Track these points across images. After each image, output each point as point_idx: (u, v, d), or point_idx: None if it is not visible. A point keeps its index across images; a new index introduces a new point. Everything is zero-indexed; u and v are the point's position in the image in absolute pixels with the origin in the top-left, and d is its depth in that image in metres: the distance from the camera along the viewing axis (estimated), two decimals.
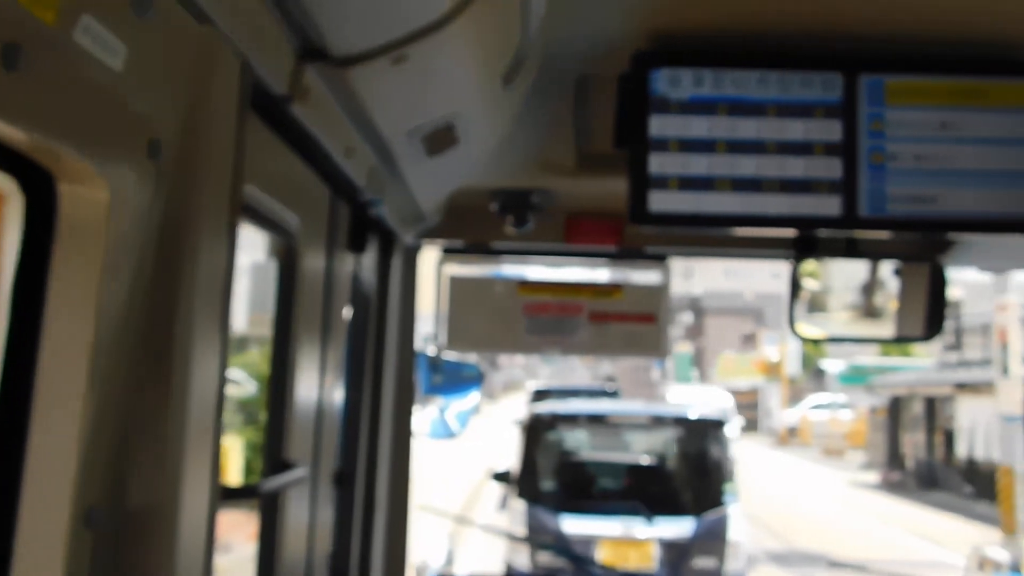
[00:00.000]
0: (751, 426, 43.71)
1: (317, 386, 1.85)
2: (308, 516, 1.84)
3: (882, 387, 26.00)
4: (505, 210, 2.57)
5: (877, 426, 26.88)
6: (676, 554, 7.15)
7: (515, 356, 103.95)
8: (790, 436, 36.33)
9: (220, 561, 1.33)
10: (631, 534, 7.14)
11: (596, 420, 8.41)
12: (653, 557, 7.07)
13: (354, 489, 2.43)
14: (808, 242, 2.35)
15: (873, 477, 25.01)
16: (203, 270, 1.10)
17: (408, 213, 2.42)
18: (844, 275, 2.69)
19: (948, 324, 23.69)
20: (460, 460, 19.94)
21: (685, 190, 1.94)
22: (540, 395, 18.78)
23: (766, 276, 70.59)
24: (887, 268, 2.63)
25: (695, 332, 62.73)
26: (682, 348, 49.92)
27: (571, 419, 8.39)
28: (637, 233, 2.66)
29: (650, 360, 70.93)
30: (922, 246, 2.60)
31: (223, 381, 1.17)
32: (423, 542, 4.28)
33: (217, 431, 1.16)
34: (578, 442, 8.28)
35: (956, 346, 23.34)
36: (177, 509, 1.05)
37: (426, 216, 2.53)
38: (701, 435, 7.99)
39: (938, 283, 2.51)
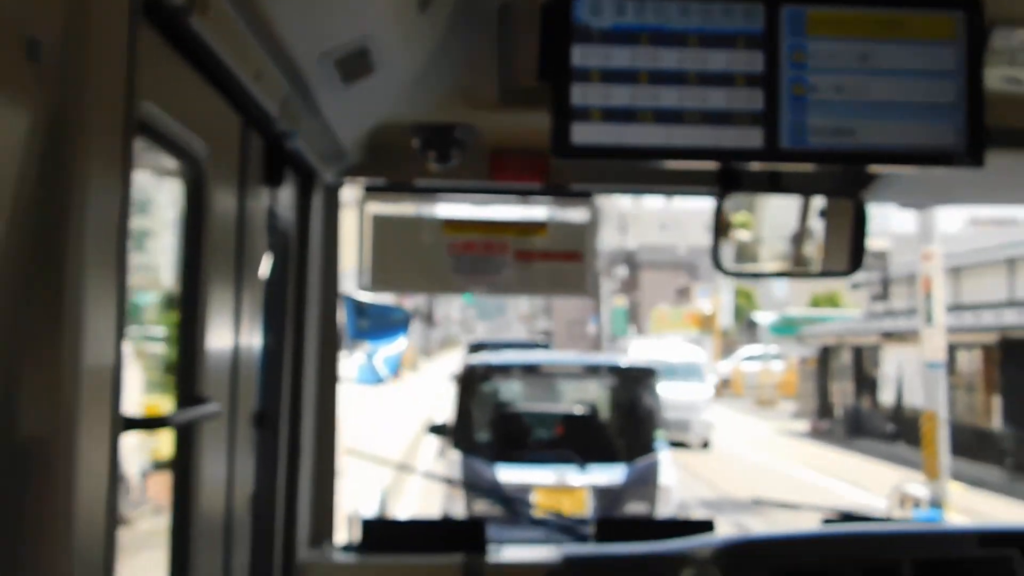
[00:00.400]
0: None
1: (232, 322, 1.81)
2: (227, 455, 1.82)
3: (812, 337, 26.49)
4: (428, 146, 2.54)
5: (807, 376, 27.38)
6: (609, 499, 7.30)
7: (451, 313, 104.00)
8: (723, 387, 36.88)
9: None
10: (565, 482, 7.38)
11: (530, 371, 8.57)
12: (586, 503, 7.25)
13: (278, 432, 2.41)
14: (731, 176, 2.36)
15: (803, 426, 25.57)
16: (96, 187, 1.05)
17: (327, 148, 2.38)
18: (769, 213, 2.71)
19: (875, 275, 24.19)
20: (397, 416, 20.12)
21: (608, 122, 1.95)
22: (476, 349, 19.33)
23: (699, 230, 71.38)
24: (811, 204, 2.65)
25: (630, 286, 63.15)
26: (618, 302, 50.24)
27: (505, 370, 8.59)
28: (562, 169, 2.66)
29: (587, 315, 71.63)
30: (844, 181, 2.63)
31: (123, 308, 1.13)
32: (358, 489, 4.32)
33: (118, 359, 1.12)
34: (513, 393, 8.57)
35: (883, 296, 23.86)
36: (74, 439, 1.02)
37: (346, 152, 2.50)
38: (632, 384, 8.22)
39: (860, 219, 2.53)
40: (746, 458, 18.81)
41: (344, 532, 2.87)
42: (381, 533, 2.75)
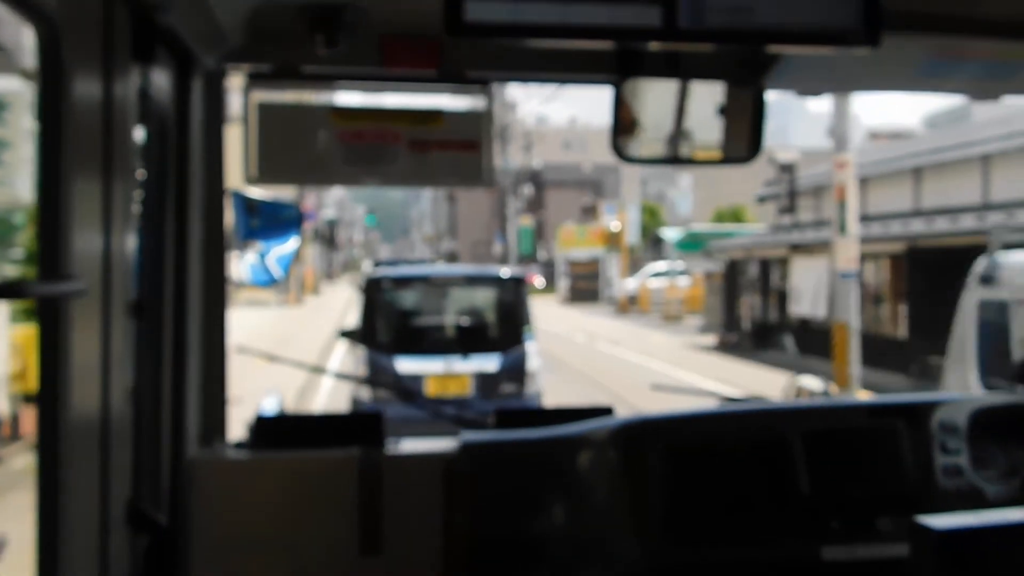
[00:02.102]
0: (591, 296, 44.33)
1: (99, 205, 1.74)
2: (100, 342, 1.76)
3: (719, 252, 26.46)
4: (315, 29, 2.46)
5: (714, 290, 27.39)
6: (487, 383, 9.07)
7: (353, 235, 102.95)
8: (630, 304, 36.92)
9: None
10: (452, 370, 9.01)
11: (424, 281, 10.20)
12: (469, 386, 9.02)
13: (161, 326, 2.36)
14: (630, 59, 2.40)
15: (710, 340, 25.59)
16: None
17: (205, 28, 2.30)
18: (668, 101, 2.66)
19: (782, 187, 24.12)
20: (304, 331, 21.25)
21: None
22: (378, 266, 21.54)
23: (603, 149, 71.10)
24: (711, 91, 2.64)
25: (535, 205, 63.00)
26: (524, 221, 49.82)
27: (403, 280, 10.07)
28: (457, 56, 2.61)
29: (492, 234, 71.35)
30: (743, 66, 2.63)
31: None
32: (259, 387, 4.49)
33: None
34: (409, 300, 9.99)
35: (789, 209, 23.83)
36: None
37: (226, 33, 2.41)
38: (507, 290, 9.80)
39: (759, 106, 2.59)
40: (653, 370, 18.63)
41: (242, 435, 2.82)
42: (275, 429, 2.71)
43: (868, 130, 47.07)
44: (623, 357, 21.39)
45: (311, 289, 46.31)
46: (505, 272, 10.24)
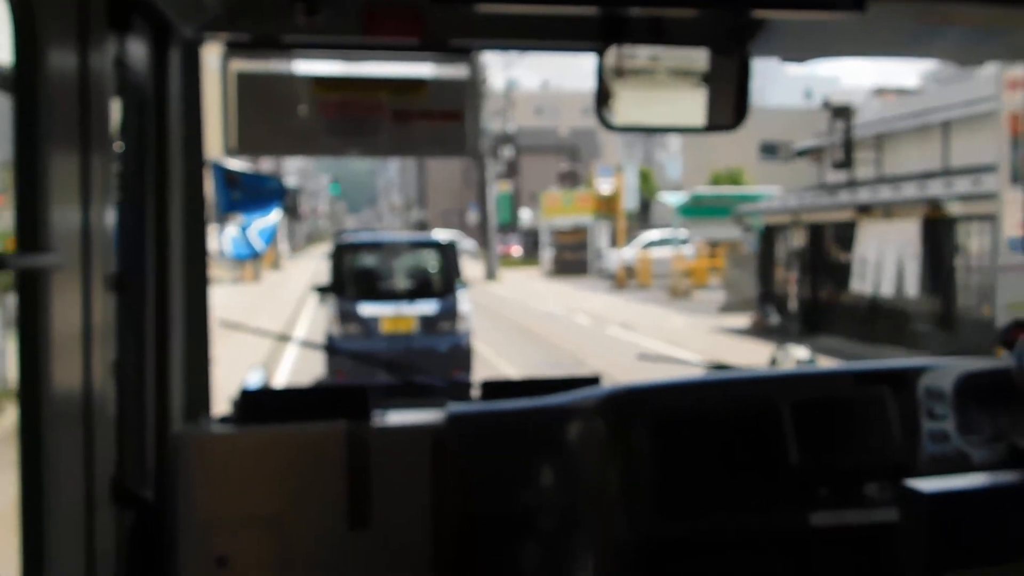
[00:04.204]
0: (579, 268, 39.81)
1: (77, 177, 1.75)
2: (81, 315, 1.77)
3: (752, 216, 21.98)
4: None
5: (739, 262, 23.08)
6: (428, 322, 11.95)
7: (318, 206, 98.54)
8: (627, 278, 32.53)
9: None
10: (401, 312, 11.93)
11: (379, 245, 13.47)
12: (414, 324, 11.92)
13: (144, 300, 2.38)
14: (613, 25, 2.46)
15: (739, 321, 21.25)
16: None
17: None
18: (652, 68, 2.64)
19: (836, 137, 19.67)
20: (256, 317, 19.15)
21: None
22: (345, 235, 24.40)
23: (576, 113, 67.76)
24: (696, 60, 2.63)
25: (510, 172, 58.74)
26: (502, 187, 45.42)
27: (364, 245, 13.28)
28: (440, 24, 2.61)
29: (465, 203, 67.39)
30: (728, 33, 2.63)
31: None
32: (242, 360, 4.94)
33: None
34: (369, 260, 12.93)
35: (845, 163, 19.28)
36: None
37: (205, 3, 2.40)
38: (443, 251, 12.77)
39: (744, 72, 2.63)
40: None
41: (226, 409, 2.78)
42: (260, 403, 2.72)
43: (873, 87, 43.02)
44: (649, 348, 16.88)
45: (271, 264, 41.42)
46: (442, 238, 13.48)
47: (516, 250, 52.14)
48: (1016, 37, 2.76)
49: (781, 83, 63.07)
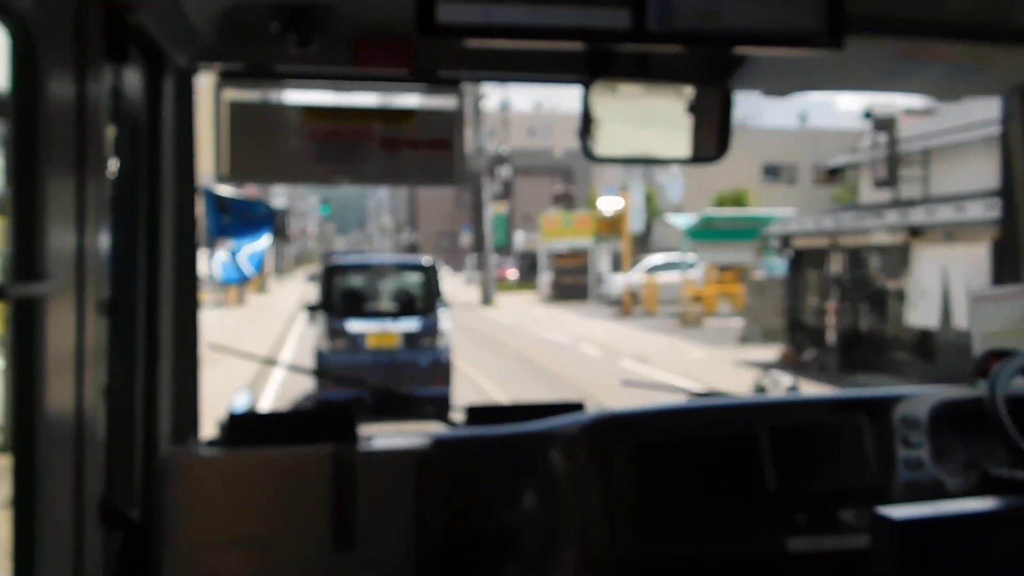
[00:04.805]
0: (579, 293, 37.78)
1: (73, 204, 1.80)
2: (75, 341, 1.82)
3: (781, 237, 19.88)
4: (287, 28, 2.49)
5: (759, 289, 21.07)
6: (410, 338, 12.73)
7: (307, 227, 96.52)
8: (633, 304, 30.50)
9: None
10: (385, 329, 12.74)
11: (366, 267, 14.57)
12: (398, 340, 12.68)
13: (134, 324, 2.44)
14: (600, 60, 2.50)
15: (765, 354, 19.22)
16: None
17: (177, 27, 2.39)
18: (637, 101, 2.72)
19: (878, 152, 17.69)
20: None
21: (474, 0, 2.04)
22: (334, 256, 23.63)
23: (570, 135, 65.97)
24: (679, 92, 2.71)
25: (503, 194, 57.10)
26: (498, 209, 43.44)
27: (353, 267, 14.44)
28: (429, 56, 2.68)
29: (457, 224, 65.69)
30: (711, 68, 2.72)
31: None
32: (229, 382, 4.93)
33: None
34: (356, 280, 13.86)
35: (890, 180, 17.24)
36: None
37: (198, 32, 2.50)
38: (426, 272, 13.68)
39: (726, 106, 2.69)
40: None
41: (213, 432, 2.81)
42: (247, 426, 2.75)
43: (903, 109, 41.43)
44: (668, 385, 14.55)
45: (256, 287, 39.27)
46: (425, 261, 14.32)
47: (512, 273, 50.26)
48: (993, 73, 2.81)
49: (777, 107, 61.80)
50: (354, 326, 12.60)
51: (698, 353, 21.00)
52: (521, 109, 76.06)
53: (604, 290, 36.70)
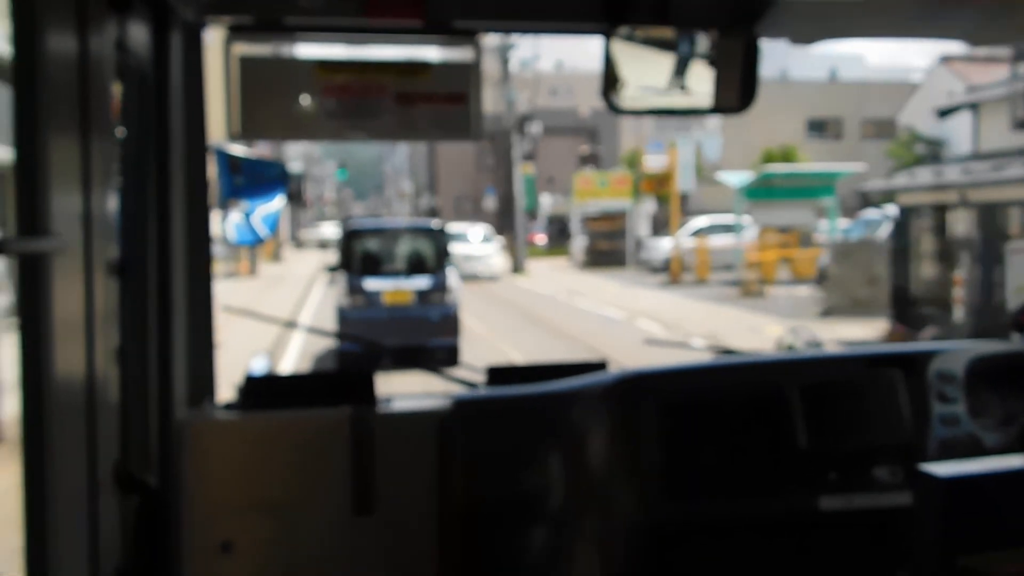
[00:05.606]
0: (616, 259, 34.67)
1: (78, 161, 1.76)
2: (83, 301, 1.79)
3: (883, 193, 16.58)
4: None
5: (846, 254, 17.92)
6: (422, 295, 13.67)
7: (324, 193, 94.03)
8: (681, 271, 27.36)
9: None
10: (399, 287, 13.70)
11: (382, 231, 15.59)
12: (411, 296, 13.62)
13: (146, 285, 2.41)
14: (619, 4, 2.44)
15: (861, 331, 16.10)
16: None
17: None
18: (658, 49, 2.63)
19: (1018, 86, 14.40)
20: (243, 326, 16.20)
21: None
22: (351, 221, 24.79)
23: (592, 93, 62.43)
24: (703, 41, 2.62)
25: (526, 155, 54.42)
26: (526, 170, 40.29)
27: (369, 230, 15.41)
28: (444, 5, 2.63)
29: (479, 188, 63.18)
30: (735, 13, 2.61)
31: None
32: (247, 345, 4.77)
33: None
34: (373, 242, 14.77)
35: None
36: None
37: None
38: (435, 235, 14.70)
39: (751, 54, 2.60)
40: None
41: (230, 396, 2.82)
42: (265, 389, 2.73)
43: (941, 56, 38.05)
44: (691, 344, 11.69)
45: (270, 255, 36.30)
46: (434, 224, 15.84)
47: (540, 238, 47.22)
48: None
49: (807, 62, 58.41)
50: (371, 284, 13.73)
51: (776, 330, 17.80)
52: (542, 69, 72.90)
53: (646, 255, 34.36)
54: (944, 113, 19.46)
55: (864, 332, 17.39)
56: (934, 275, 15.90)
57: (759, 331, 17.84)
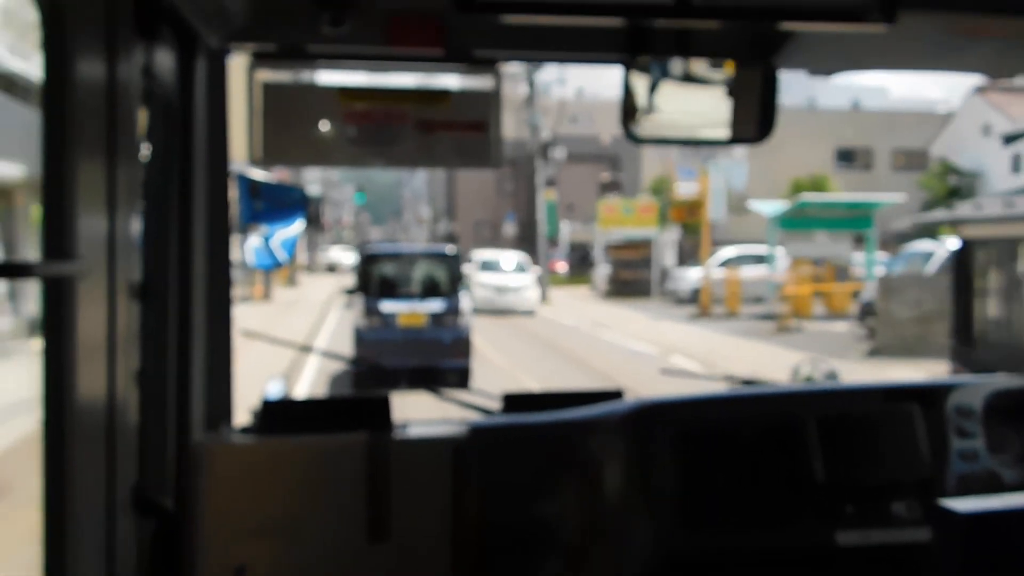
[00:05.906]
0: (640, 289, 33.55)
1: (104, 185, 1.80)
2: (106, 324, 1.81)
3: (926, 224, 15.43)
4: (320, 7, 2.48)
5: (893, 290, 16.74)
6: (436, 317, 14.26)
7: (342, 216, 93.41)
8: (711, 304, 26.27)
9: None
10: (414, 309, 14.28)
11: (398, 255, 16.07)
12: (425, 319, 14.21)
13: (166, 308, 2.45)
14: (639, 37, 2.47)
15: (916, 374, 14.88)
16: None
17: (209, 7, 2.41)
18: (677, 81, 2.67)
19: None
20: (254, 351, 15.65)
21: None
22: (368, 246, 25.33)
23: (612, 122, 61.69)
24: (720, 72, 2.66)
25: (547, 182, 53.72)
26: (548, 196, 39.32)
27: (385, 255, 15.98)
28: (463, 35, 2.67)
29: (499, 214, 62.21)
30: (754, 45, 2.65)
31: None
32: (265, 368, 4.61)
33: None
34: (389, 267, 15.29)
35: None
36: None
37: (230, 12, 2.50)
38: (449, 260, 15.38)
39: (770, 85, 2.63)
40: None
41: (247, 419, 2.84)
42: (281, 413, 2.75)
43: (974, 87, 37.10)
44: (708, 374, 10.50)
45: (285, 279, 35.32)
46: (448, 250, 16.10)
47: (562, 266, 46.21)
48: None
49: (829, 92, 57.52)
50: (387, 306, 14.28)
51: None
52: (563, 96, 72.35)
53: (672, 286, 33.51)
54: (1010, 140, 18.67)
55: (916, 374, 16.17)
56: (1001, 314, 14.69)
57: (761, 358, 16.70)
